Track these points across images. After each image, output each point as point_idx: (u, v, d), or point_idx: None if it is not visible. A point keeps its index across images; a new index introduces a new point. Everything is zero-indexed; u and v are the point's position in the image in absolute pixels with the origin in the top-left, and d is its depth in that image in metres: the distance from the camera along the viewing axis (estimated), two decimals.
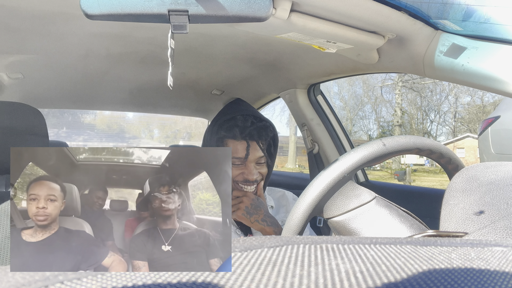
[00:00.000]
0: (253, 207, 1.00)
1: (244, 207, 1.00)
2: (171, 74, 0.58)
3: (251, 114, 1.06)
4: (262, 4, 0.61)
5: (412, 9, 0.78)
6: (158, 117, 18.74)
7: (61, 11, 0.86)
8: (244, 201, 1.01)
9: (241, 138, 1.02)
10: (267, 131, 1.06)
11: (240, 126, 1.02)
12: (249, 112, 1.07)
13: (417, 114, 23.94)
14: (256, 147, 1.03)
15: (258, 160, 1.05)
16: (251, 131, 1.02)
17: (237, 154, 1.02)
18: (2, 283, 0.18)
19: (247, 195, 1.02)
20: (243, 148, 1.02)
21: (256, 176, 1.04)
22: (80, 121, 15.23)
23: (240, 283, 0.19)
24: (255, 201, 1.02)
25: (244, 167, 1.03)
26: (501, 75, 0.70)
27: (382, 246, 0.26)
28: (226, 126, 1.03)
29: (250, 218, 0.99)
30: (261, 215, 1.00)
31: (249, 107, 1.12)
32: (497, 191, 0.43)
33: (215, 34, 1.04)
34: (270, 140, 1.09)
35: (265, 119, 1.08)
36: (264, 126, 1.05)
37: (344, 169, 0.55)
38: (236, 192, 1.04)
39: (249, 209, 1.00)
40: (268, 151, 1.10)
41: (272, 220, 1.01)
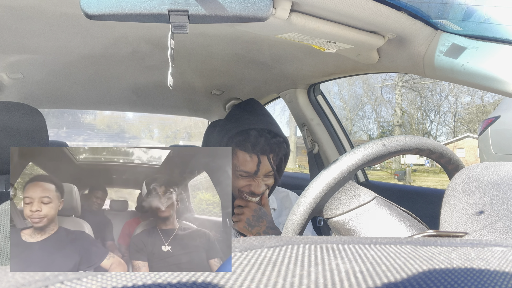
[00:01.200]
0: (255, 218, 0.98)
1: (245, 219, 0.98)
2: (171, 74, 0.58)
3: (266, 128, 1.01)
4: (262, 4, 0.61)
5: (412, 9, 0.78)
6: (158, 117, 18.73)
7: (61, 11, 0.86)
8: (245, 212, 0.98)
9: (252, 153, 0.98)
10: (280, 147, 1.02)
11: (252, 142, 0.97)
12: (264, 125, 1.01)
13: (417, 114, 23.95)
14: (267, 162, 1.00)
15: (266, 174, 1.02)
16: (264, 147, 0.98)
17: (246, 168, 0.99)
18: (2, 283, 0.18)
19: (249, 206, 1.00)
20: (253, 164, 0.98)
21: (263, 188, 1.01)
22: (80, 121, 15.22)
23: (240, 283, 0.19)
24: (258, 212, 0.99)
25: (251, 179, 1.01)
26: (501, 75, 0.70)
27: (382, 246, 0.26)
28: (238, 139, 0.99)
29: (252, 230, 0.97)
30: (263, 227, 0.97)
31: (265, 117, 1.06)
32: (497, 191, 0.43)
33: (215, 34, 1.04)
34: (282, 156, 1.06)
35: (280, 135, 1.03)
36: (278, 142, 1.00)
37: (344, 169, 0.55)
38: (239, 201, 1.01)
39: (251, 221, 0.98)
40: (278, 166, 1.07)
41: (274, 232, 0.98)
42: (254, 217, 0.98)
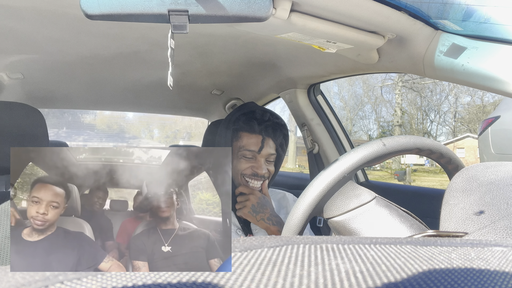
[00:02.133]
0: (259, 205, 1.01)
1: (250, 205, 1.00)
2: (171, 74, 0.58)
3: (268, 111, 1.11)
4: (262, 4, 0.61)
5: (412, 9, 0.78)
6: (158, 117, 18.74)
7: (61, 11, 0.86)
8: (250, 199, 1.01)
9: (257, 132, 1.05)
10: (282, 129, 1.11)
11: (258, 119, 1.06)
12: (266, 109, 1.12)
13: (417, 114, 23.95)
14: (270, 143, 1.07)
15: (268, 157, 1.07)
16: (267, 126, 1.06)
17: (251, 147, 1.05)
18: (2, 283, 0.18)
19: (254, 193, 1.03)
20: (258, 141, 1.05)
21: (265, 171, 1.05)
22: (80, 121, 15.23)
23: (240, 283, 0.19)
24: (262, 200, 1.02)
25: (254, 161, 1.05)
26: (501, 75, 0.70)
27: (382, 246, 0.26)
28: (244, 118, 1.07)
29: (256, 216, 0.99)
30: (267, 214, 1.00)
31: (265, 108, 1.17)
32: (497, 191, 0.43)
33: (215, 34, 1.04)
34: (283, 139, 1.13)
35: (280, 118, 1.13)
36: (279, 123, 1.10)
37: (344, 169, 0.55)
38: (243, 188, 1.04)
39: (256, 207, 1.00)
40: (279, 150, 1.12)
41: (278, 220, 1.01)
42: (259, 204, 1.01)
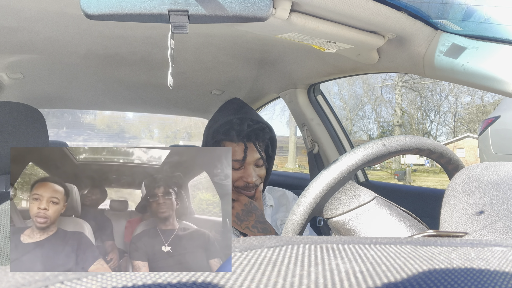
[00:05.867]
0: (244, 212, 1.00)
1: (235, 214, 0.99)
2: (171, 74, 0.58)
3: (247, 117, 1.05)
4: (262, 4, 0.61)
5: (412, 9, 0.78)
6: (158, 117, 18.75)
7: (61, 11, 0.86)
8: (235, 206, 1.00)
9: (238, 140, 1.02)
10: (264, 132, 1.06)
11: (236, 129, 1.02)
12: (245, 114, 1.06)
13: (417, 114, 23.95)
14: (254, 148, 1.03)
15: (256, 162, 1.05)
16: (248, 133, 1.02)
17: (235, 157, 1.02)
18: (2, 283, 0.18)
19: (239, 200, 1.02)
20: (240, 150, 1.02)
21: (255, 179, 1.03)
22: (80, 121, 15.24)
23: (240, 283, 0.19)
24: (247, 206, 1.01)
25: (243, 170, 1.03)
26: (501, 75, 0.70)
27: (382, 246, 0.26)
28: (222, 130, 1.04)
29: (241, 224, 0.98)
30: (251, 221, 0.99)
31: (245, 108, 1.11)
32: (497, 191, 0.43)
33: (215, 34, 1.04)
34: (268, 141, 1.10)
35: (262, 121, 1.07)
36: (260, 127, 1.05)
37: (344, 169, 0.55)
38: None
39: (240, 215, 0.99)
40: (266, 152, 1.10)
41: (264, 226, 0.99)
42: (243, 211, 1.00)
